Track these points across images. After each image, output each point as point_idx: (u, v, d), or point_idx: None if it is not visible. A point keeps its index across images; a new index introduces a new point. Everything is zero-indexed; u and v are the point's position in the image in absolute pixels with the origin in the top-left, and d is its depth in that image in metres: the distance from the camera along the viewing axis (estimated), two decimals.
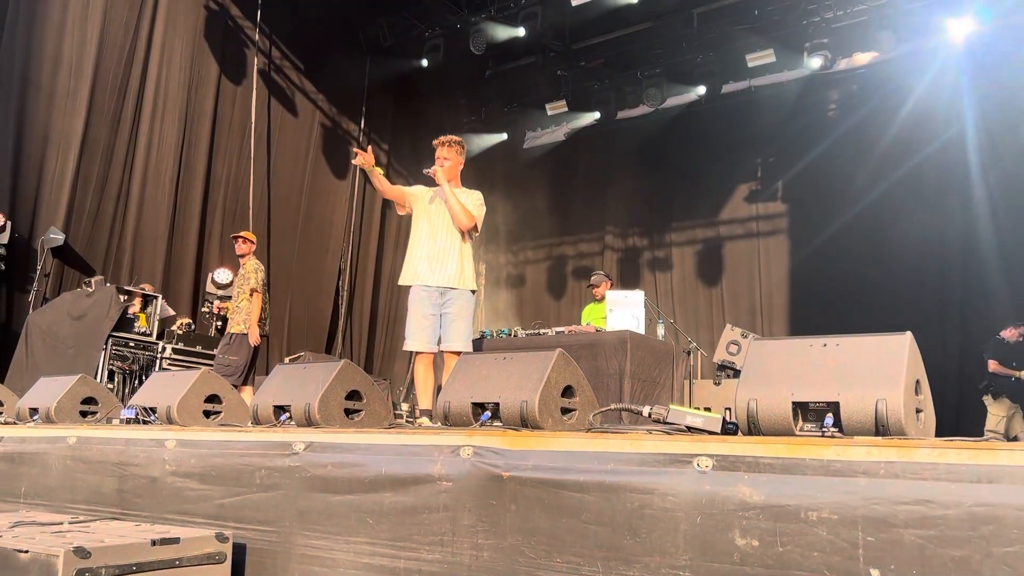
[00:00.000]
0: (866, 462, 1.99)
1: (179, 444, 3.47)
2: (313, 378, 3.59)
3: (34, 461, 4.00)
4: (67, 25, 8.36)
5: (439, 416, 3.19)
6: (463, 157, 5.22)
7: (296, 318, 10.94)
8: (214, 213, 9.96)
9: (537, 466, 2.48)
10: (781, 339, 2.52)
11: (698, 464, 2.20)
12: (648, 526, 2.24)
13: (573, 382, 3.06)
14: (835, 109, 11.40)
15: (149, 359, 7.97)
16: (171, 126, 9.41)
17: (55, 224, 8.12)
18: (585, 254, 13.45)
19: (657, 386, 5.89)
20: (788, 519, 2.04)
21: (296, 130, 11.14)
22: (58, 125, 8.28)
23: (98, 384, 5.13)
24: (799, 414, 2.35)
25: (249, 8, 10.26)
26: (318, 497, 2.96)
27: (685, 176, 12.30)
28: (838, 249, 10.62)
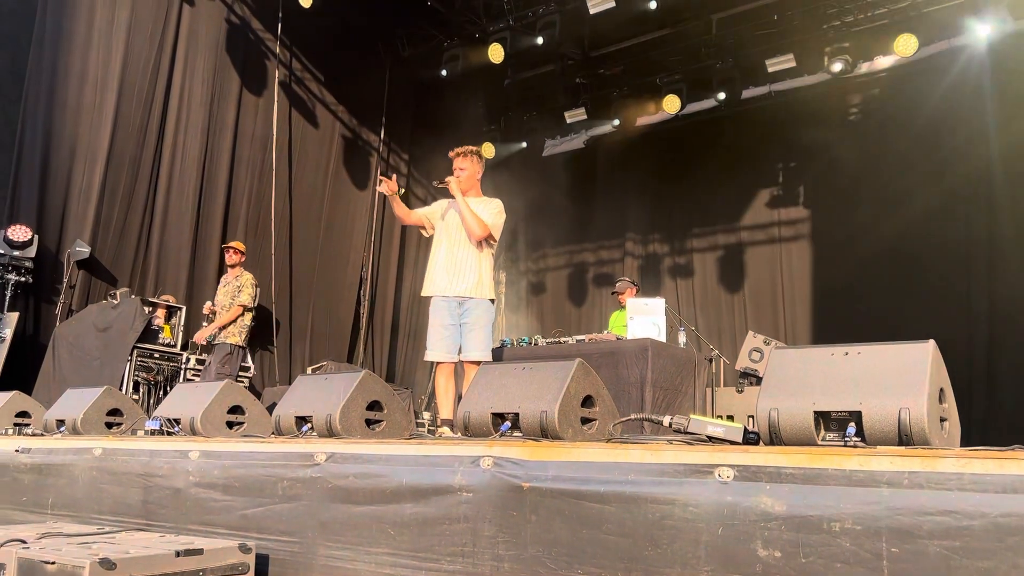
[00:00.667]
0: (889, 472, 1.97)
1: (203, 455, 3.50)
2: (334, 389, 3.61)
3: (61, 472, 4.05)
4: (92, 41, 8.49)
5: (459, 426, 3.20)
6: (481, 166, 5.24)
7: (318, 328, 11.00)
8: (236, 224, 10.04)
9: (557, 477, 2.48)
10: (802, 348, 2.51)
11: (719, 474, 2.18)
12: (669, 537, 2.23)
13: (593, 392, 3.05)
14: (856, 113, 11.30)
15: (173, 370, 8.05)
16: (194, 138, 9.52)
17: (82, 236, 8.23)
18: (606, 261, 13.42)
19: (679, 394, 5.86)
20: (811, 530, 2.03)
21: (317, 141, 11.23)
22: (84, 139, 8.41)
23: (123, 395, 5.19)
24: (821, 423, 2.33)
25: (269, 21, 10.37)
26: (340, 508, 2.97)
27: (705, 182, 12.24)
28: (861, 254, 10.51)
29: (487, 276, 5.07)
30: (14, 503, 4.22)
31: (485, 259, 5.09)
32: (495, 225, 5.08)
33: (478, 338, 4.92)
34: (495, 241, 5.13)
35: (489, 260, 5.13)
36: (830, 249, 10.97)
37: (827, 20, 10.17)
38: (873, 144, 10.72)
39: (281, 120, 10.56)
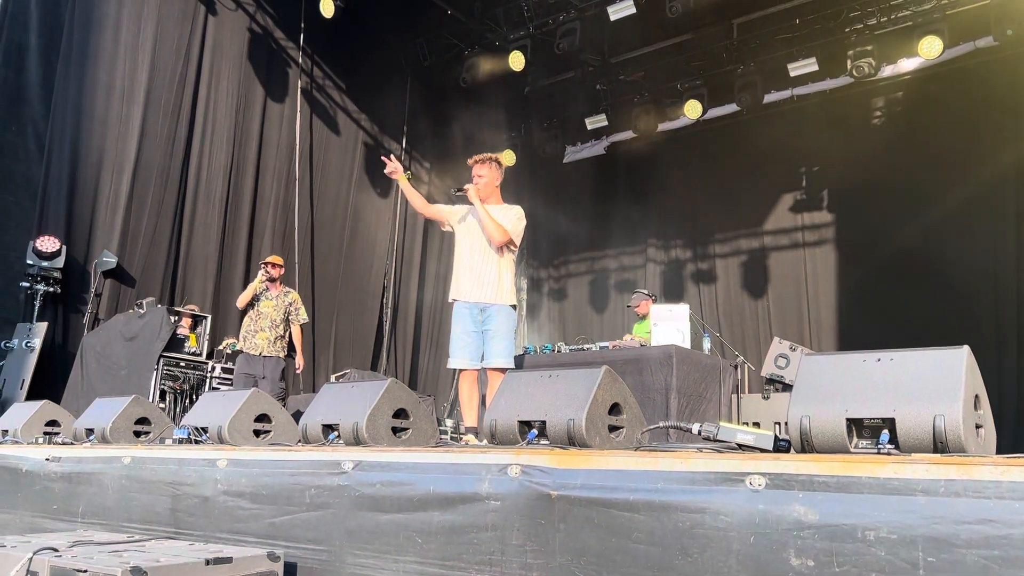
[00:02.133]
0: (925, 480, 1.95)
1: (230, 464, 3.52)
2: (360, 397, 3.62)
3: (91, 481, 4.09)
4: (119, 54, 8.61)
5: (486, 434, 3.19)
6: (500, 172, 5.25)
7: (342, 336, 11.06)
8: (262, 234, 10.13)
9: (586, 485, 2.46)
10: (833, 354, 2.48)
11: (750, 482, 2.16)
12: (700, 546, 2.21)
13: (620, 399, 3.04)
14: (880, 116, 11.20)
15: (199, 378, 8.11)
16: (220, 148, 9.62)
17: (109, 247, 8.33)
18: (628, 267, 13.38)
19: (704, 401, 5.82)
20: (844, 539, 2.00)
21: (340, 150, 11.30)
22: (112, 151, 8.52)
23: (151, 404, 5.23)
24: (853, 431, 2.30)
25: (292, 31, 10.47)
26: (367, 516, 2.98)
27: (728, 187, 12.18)
28: (887, 259, 10.40)
29: (508, 282, 5.07)
30: (45, 511, 4.27)
31: (506, 265, 5.09)
32: (515, 231, 5.08)
33: (501, 345, 4.92)
34: (515, 247, 5.13)
35: (510, 266, 5.14)
36: (855, 254, 10.87)
37: (850, 23, 10.11)
38: (897, 148, 10.62)
39: (304, 129, 10.66)
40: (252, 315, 7.57)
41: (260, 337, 7.46)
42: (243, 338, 7.55)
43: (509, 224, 5.07)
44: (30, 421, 5.22)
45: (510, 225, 5.07)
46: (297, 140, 10.48)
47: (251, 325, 7.54)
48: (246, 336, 7.53)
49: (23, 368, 7.24)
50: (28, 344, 7.31)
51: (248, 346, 7.49)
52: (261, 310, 7.56)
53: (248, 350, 7.48)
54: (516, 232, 5.09)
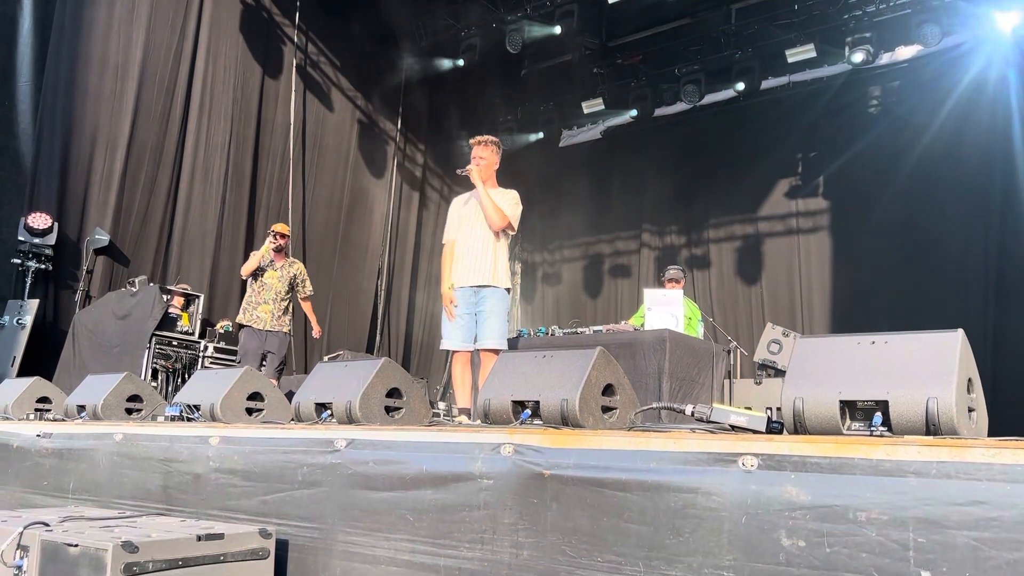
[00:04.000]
0: (917, 462, 1.95)
1: (223, 441, 3.51)
2: (354, 376, 3.62)
3: (82, 457, 4.08)
4: (113, 28, 8.53)
5: (479, 414, 3.19)
6: (499, 156, 5.25)
7: (337, 317, 11.05)
8: (259, 212, 10.09)
9: (579, 464, 2.46)
10: (828, 336, 2.48)
11: (743, 463, 2.17)
12: (691, 526, 2.22)
13: (614, 380, 3.04)
14: (877, 104, 11.19)
15: (191, 357, 8.10)
16: (217, 125, 9.56)
17: (102, 224, 8.29)
18: (622, 252, 13.38)
19: (697, 385, 5.83)
20: (836, 519, 2.01)
21: (336, 130, 11.25)
22: (105, 127, 8.45)
23: (143, 382, 5.22)
24: (847, 413, 2.31)
25: (288, 10, 10.39)
26: (359, 494, 2.98)
27: (723, 173, 12.17)
28: (881, 246, 10.42)
29: (502, 265, 5.06)
30: (36, 487, 4.26)
31: (501, 248, 5.08)
32: (514, 216, 5.09)
33: (493, 326, 4.91)
34: (513, 231, 5.13)
35: (505, 250, 5.13)
36: (849, 241, 10.88)
37: (848, 10, 10.07)
38: (894, 135, 10.61)
39: (301, 109, 10.61)
40: (255, 286, 7.29)
41: (263, 310, 7.21)
42: (244, 310, 7.29)
43: (508, 208, 5.07)
44: (21, 397, 5.21)
45: (509, 210, 5.06)
46: (292, 118, 10.43)
47: (254, 297, 7.27)
48: (247, 308, 7.27)
49: (14, 345, 7.21)
50: (19, 321, 7.28)
51: (250, 318, 7.21)
52: (265, 281, 7.28)
53: (251, 323, 7.20)
54: (514, 216, 5.10)
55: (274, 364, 7.19)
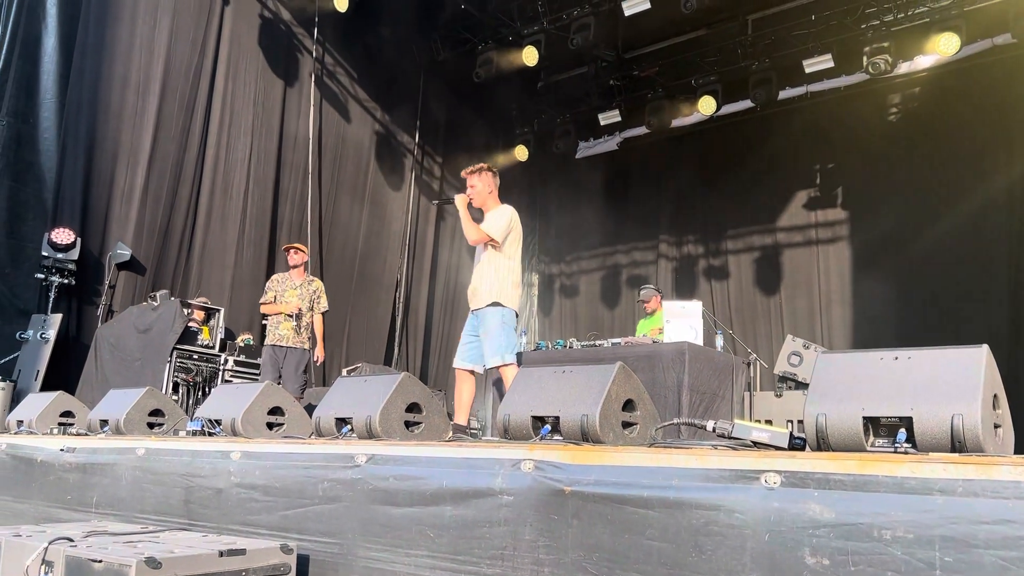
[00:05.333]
0: (943, 479, 1.93)
1: (244, 456, 3.53)
2: (374, 391, 3.63)
3: (105, 472, 4.11)
4: (135, 47, 8.64)
5: (499, 429, 3.19)
6: (494, 178, 5.38)
7: (355, 330, 11.08)
8: (280, 227, 10.16)
9: (599, 481, 2.46)
10: (850, 352, 2.46)
11: (766, 480, 2.15)
12: (714, 543, 2.21)
13: (634, 396, 3.03)
14: (896, 113, 11.13)
15: (212, 371, 8.14)
16: (237, 140, 9.65)
17: (124, 239, 8.37)
18: (639, 263, 13.35)
19: (717, 398, 5.80)
20: (861, 538, 1.99)
21: (354, 144, 11.32)
22: (126, 143, 8.55)
23: (164, 396, 5.26)
24: (870, 429, 2.29)
25: (307, 25, 10.51)
26: (380, 509, 2.98)
27: (741, 184, 12.13)
28: (901, 256, 10.34)
29: (497, 283, 5.14)
30: (59, 501, 4.30)
31: (496, 266, 5.18)
32: (491, 228, 5.16)
33: (488, 346, 5.05)
34: (497, 245, 5.17)
35: (501, 268, 5.18)
36: (869, 251, 10.81)
37: (866, 19, 10.03)
38: (913, 145, 10.55)
39: (321, 123, 10.70)
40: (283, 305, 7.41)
41: (284, 327, 7.30)
42: (269, 331, 7.41)
43: (489, 222, 5.18)
44: (45, 412, 5.26)
45: (490, 223, 5.18)
46: (311, 133, 10.51)
47: (275, 317, 7.39)
48: (271, 329, 7.39)
49: (38, 359, 7.28)
50: (43, 335, 7.36)
51: (273, 338, 7.31)
52: (286, 299, 7.41)
53: (273, 341, 7.31)
54: (493, 229, 5.16)
55: (294, 381, 7.21)
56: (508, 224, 5.19)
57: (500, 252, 5.18)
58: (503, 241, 5.15)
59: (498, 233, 5.15)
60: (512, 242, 5.21)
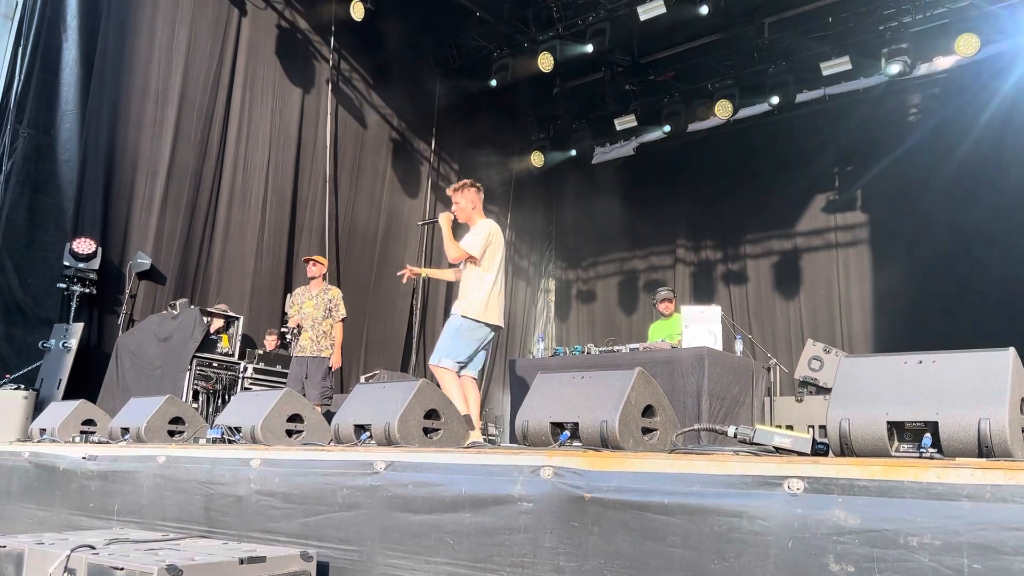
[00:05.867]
0: (970, 485, 1.90)
1: (264, 463, 3.54)
2: (392, 397, 3.62)
3: (126, 479, 4.14)
4: (153, 57, 8.73)
5: (518, 435, 3.18)
6: (478, 193, 5.54)
7: (373, 336, 11.11)
8: (299, 234, 10.22)
9: (620, 488, 2.44)
10: (873, 356, 2.43)
11: (789, 486, 2.13)
12: (736, 550, 2.18)
13: (654, 401, 3.01)
14: (916, 114, 11.03)
15: (231, 379, 8.18)
16: (256, 149, 9.73)
17: (144, 248, 8.44)
18: (657, 267, 13.30)
19: (737, 404, 5.75)
20: (886, 544, 1.96)
21: (372, 151, 11.38)
22: (146, 153, 8.63)
23: (185, 404, 5.29)
24: (895, 434, 2.26)
25: (323, 34, 10.58)
26: (399, 516, 2.97)
27: (759, 187, 12.07)
28: (922, 259, 10.24)
29: (474, 296, 5.25)
30: (82, 509, 4.32)
31: (473, 282, 5.30)
32: (469, 244, 5.28)
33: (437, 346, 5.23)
34: (475, 261, 5.28)
35: (484, 282, 5.27)
36: (889, 254, 10.71)
37: (884, 21, 9.96)
38: (933, 146, 10.45)
39: (337, 131, 10.76)
40: (296, 317, 7.55)
41: (304, 338, 7.41)
42: (293, 344, 7.55)
43: (467, 239, 5.33)
44: (67, 420, 5.30)
45: (468, 240, 5.32)
46: (328, 140, 10.56)
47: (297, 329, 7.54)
48: (294, 341, 7.54)
49: (60, 368, 7.34)
50: (65, 344, 7.42)
51: (296, 349, 7.46)
52: (304, 310, 7.51)
53: (297, 353, 7.44)
54: (471, 246, 5.28)
55: (316, 388, 7.25)
56: (486, 240, 5.30)
57: (478, 267, 5.30)
58: (481, 256, 5.27)
59: (476, 249, 5.26)
60: (490, 256, 5.31)
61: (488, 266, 5.29)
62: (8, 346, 7.55)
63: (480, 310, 5.20)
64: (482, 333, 5.21)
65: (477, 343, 5.19)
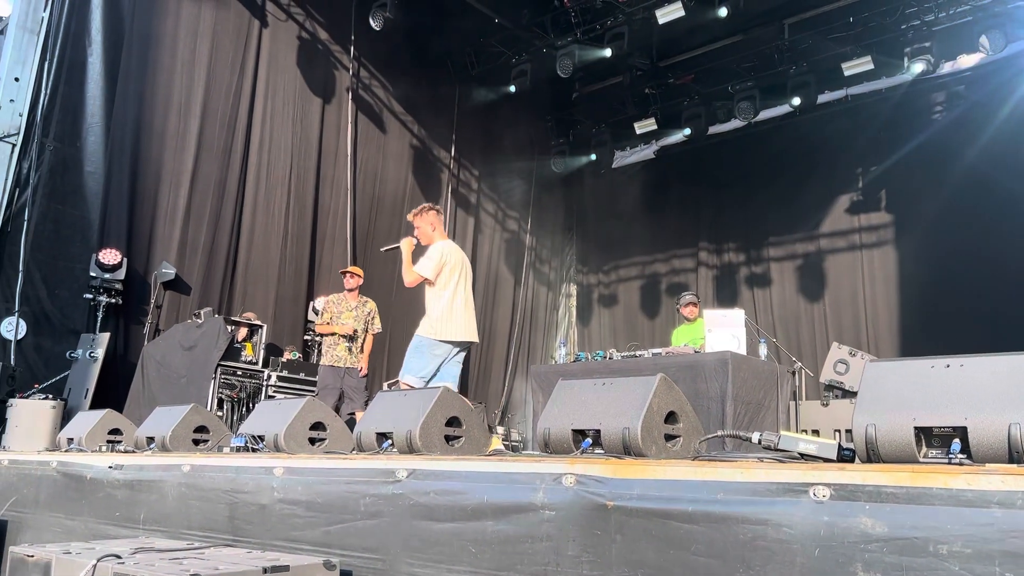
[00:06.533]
0: (1001, 492, 1.86)
1: (287, 472, 3.55)
2: (413, 405, 3.62)
3: (152, 488, 4.17)
4: (176, 70, 8.84)
5: (539, 443, 3.16)
6: (438, 216, 5.92)
7: (396, 344, 11.11)
8: (323, 243, 10.29)
9: (643, 495, 2.41)
10: (899, 360, 2.39)
11: (814, 493, 2.09)
12: (762, 559, 2.15)
13: (676, 408, 2.98)
14: (940, 112, 10.89)
15: (255, 387, 8.24)
16: (278, 159, 9.81)
17: (168, 258, 8.53)
18: (679, 271, 13.23)
19: (761, 408, 5.69)
20: (915, 553, 1.92)
21: (393, 159, 11.43)
22: (169, 163, 8.74)
23: (209, 413, 5.32)
24: (922, 440, 2.21)
25: (343, 42, 10.66)
26: (421, 525, 2.97)
27: (781, 189, 11.97)
28: (949, 260, 10.09)
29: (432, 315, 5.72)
30: (108, 518, 4.36)
31: (436, 301, 5.72)
32: (423, 268, 5.64)
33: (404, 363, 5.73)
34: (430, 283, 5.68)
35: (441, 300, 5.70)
36: (915, 255, 10.58)
37: (906, 20, 9.86)
38: (959, 144, 10.31)
39: (357, 139, 10.82)
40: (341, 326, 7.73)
41: (341, 348, 7.62)
42: (325, 352, 7.73)
43: (419, 264, 5.69)
44: (94, 430, 5.35)
45: (419, 265, 5.68)
46: (349, 149, 10.63)
47: (332, 337, 7.71)
48: (328, 349, 7.71)
49: (87, 377, 7.43)
50: (92, 354, 7.51)
51: (330, 358, 7.64)
52: (342, 321, 7.72)
53: (331, 362, 7.63)
54: (423, 268, 5.64)
55: (361, 397, 7.45)
56: (438, 262, 5.63)
57: (434, 287, 5.68)
58: (435, 277, 5.63)
59: (428, 272, 5.62)
60: (445, 276, 5.67)
61: (444, 284, 5.68)
62: (37, 356, 7.66)
63: (437, 328, 5.66)
64: (442, 350, 5.67)
65: (439, 359, 5.66)
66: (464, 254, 6.09)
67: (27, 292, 7.61)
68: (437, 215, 5.88)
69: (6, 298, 7.51)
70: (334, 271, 9.66)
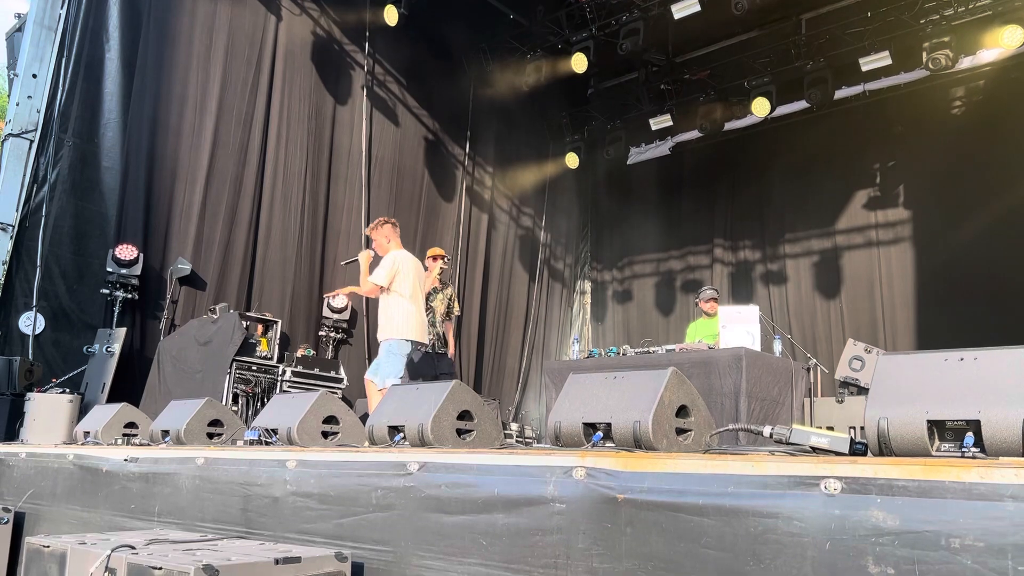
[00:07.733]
0: (1015, 485, 1.84)
1: (299, 465, 3.57)
2: (425, 398, 3.63)
3: (166, 481, 4.20)
4: (192, 66, 8.89)
5: (550, 436, 3.16)
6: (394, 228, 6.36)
7: None
8: (335, 240, 10.32)
9: (653, 488, 2.41)
10: (912, 353, 2.37)
11: (826, 487, 2.08)
12: (772, 552, 2.14)
13: (688, 401, 2.97)
14: (960, 107, 10.78)
15: (270, 382, 8.28)
16: (293, 155, 9.85)
17: (184, 254, 8.58)
18: (694, 267, 13.17)
19: (776, 405, 5.67)
20: (927, 546, 1.91)
21: (409, 155, 11.44)
22: (185, 160, 8.79)
23: (223, 407, 5.36)
24: (935, 433, 2.20)
25: (357, 39, 10.68)
26: (432, 517, 2.97)
27: (797, 185, 11.89)
28: (967, 257, 9.99)
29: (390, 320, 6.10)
30: (124, 510, 4.40)
31: (389, 307, 6.12)
32: (376, 277, 6.07)
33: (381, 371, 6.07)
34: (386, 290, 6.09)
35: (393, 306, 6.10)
36: (932, 252, 10.48)
37: (925, 14, 9.76)
38: (976, 141, 10.20)
39: (373, 135, 10.86)
40: None
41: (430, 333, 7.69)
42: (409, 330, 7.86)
43: (373, 274, 6.11)
44: (110, 423, 5.41)
45: (373, 275, 6.10)
46: (363, 145, 10.66)
47: None
48: None
49: (104, 372, 7.50)
50: (108, 349, 7.57)
51: None
52: (431, 306, 7.85)
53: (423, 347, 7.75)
54: (377, 278, 6.07)
55: None
56: (391, 270, 6.04)
57: (391, 293, 6.06)
58: (390, 284, 6.04)
59: (382, 280, 6.03)
60: (399, 282, 6.07)
61: (401, 290, 6.07)
62: (55, 351, 7.74)
63: (403, 329, 6.05)
64: (407, 348, 6.10)
65: (405, 357, 6.09)
66: (418, 262, 6.46)
67: (45, 287, 7.68)
68: (393, 228, 6.32)
69: (24, 293, 7.58)
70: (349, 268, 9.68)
